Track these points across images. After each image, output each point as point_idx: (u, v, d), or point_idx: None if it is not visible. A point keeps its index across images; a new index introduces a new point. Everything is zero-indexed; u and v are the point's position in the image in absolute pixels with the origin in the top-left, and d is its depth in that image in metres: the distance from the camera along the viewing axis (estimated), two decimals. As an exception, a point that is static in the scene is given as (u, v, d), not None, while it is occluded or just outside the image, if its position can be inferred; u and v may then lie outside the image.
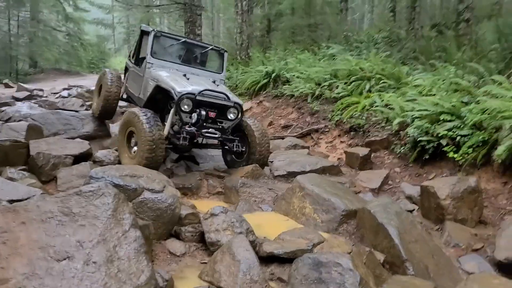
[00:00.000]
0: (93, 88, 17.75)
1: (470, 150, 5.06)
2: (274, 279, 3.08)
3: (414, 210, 4.77)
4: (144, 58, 6.55)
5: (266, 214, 4.75)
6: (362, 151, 6.58)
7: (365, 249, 2.98)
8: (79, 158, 5.32)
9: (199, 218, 3.89)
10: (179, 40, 6.46)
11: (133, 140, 5.22)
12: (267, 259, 3.26)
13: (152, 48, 6.08)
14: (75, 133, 6.98)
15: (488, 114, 4.97)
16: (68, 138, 6.07)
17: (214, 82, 6.14)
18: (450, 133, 5.33)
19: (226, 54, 6.80)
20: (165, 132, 5.14)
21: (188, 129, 5.12)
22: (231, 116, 5.61)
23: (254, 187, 5.24)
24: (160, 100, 5.84)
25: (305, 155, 6.80)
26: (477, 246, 3.74)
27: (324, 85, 9.46)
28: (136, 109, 5.17)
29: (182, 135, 5.06)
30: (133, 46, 7.89)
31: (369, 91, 8.34)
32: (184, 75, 5.81)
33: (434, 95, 6.40)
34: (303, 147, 7.73)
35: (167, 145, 5.29)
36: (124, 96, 7.40)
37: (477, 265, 3.37)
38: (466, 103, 5.57)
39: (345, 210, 4.18)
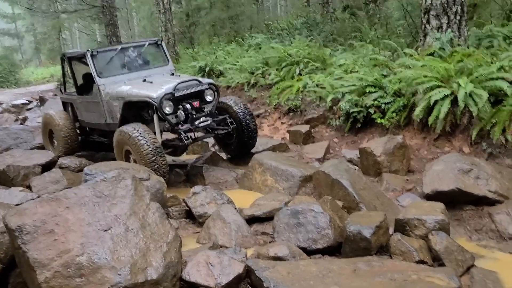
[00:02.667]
0: (15, 102, 17.01)
1: (394, 114, 5.99)
2: (259, 234, 3.74)
3: (356, 169, 5.64)
4: (84, 84, 6.43)
5: (233, 191, 5.36)
6: (304, 128, 7.35)
7: (328, 198, 3.73)
8: (46, 167, 5.54)
9: (179, 199, 4.46)
10: (115, 49, 6.16)
11: (131, 158, 5.10)
12: (248, 221, 3.91)
13: (95, 69, 5.80)
14: (27, 145, 7.03)
15: (405, 82, 5.92)
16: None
17: (172, 74, 6.11)
18: (376, 102, 6.23)
19: (163, 43, 6.62)
20: (159, 140, 5.12)
21: (183, 127, 5.11)
22: (208, 98, 5.50)
23: (217, 171, 5.83)
24: (132, 115, 5.65)
25: (254, 138, 7.46)
26: (409, 187, 4.68)
27: (257, 74, 10.09)
28: (124, 127, 5.02)
29: (182, 136, 5.08)
30: (60, 78, 7.70)
31: (300, 74, 9.09)
32: (144, 80, 5.71)
33: (357, 71, 7.31)
34: (249, 132, 8.37)
35: (165, 151, 5.28)
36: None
37: (411, 200, 4.28)
38: (386, 75, 6.53)
39: (302, 176, 4.91)
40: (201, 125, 5.24)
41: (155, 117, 5.21)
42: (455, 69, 5.48)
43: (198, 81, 5.41)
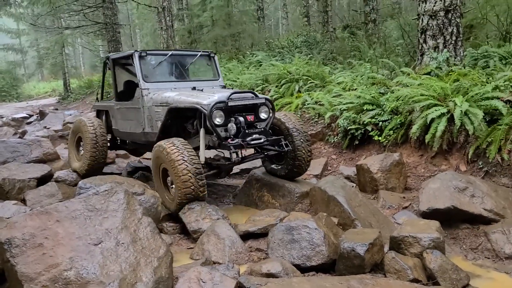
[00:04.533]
0: (16, 116, 17.09)
1: (391, 132, 6.02)
2: (253, 250, 3.70)
3: (353, 186, 5.63)
4: (125, 92, 6.01)
5: (229, 207, 5.34)
6: (302, 144, 7.38)
7: (323, 215, 3.71)
8: (42, 180, 5.53)
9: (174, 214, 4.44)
10: (165, 54, 5.67)
11: (169, 178, 4.51)
12: (243, 237, 3.87)
13: (141, 72, 5.32)
14: (25, 159, 7.00)
15: (402, 100, 5.96)
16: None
17: (224, 87, 5.72)
18: (373, 120, 6.27)
19: (216, 57, 6.12)
20: (202, 158, 4.48)
21: (233, 142, 4.44)
22: (263, 115, 4.89)
23: (214, 186, 5.82)
24: (174, 125, 5.20)
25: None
26: (406, 204, 4.65)
27: (257, 90, 10.22)
28: (163, 142, 4.42)
29: (231, 152, 4.44)
30: (98, 86, 7.51)
31: (299, 91, 9.20)
32: (194, 88, 5.27)
33: (355, 89, 7.38)
34: (248, 147, 8.40)
35: (207, 172, 4.73)
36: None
37: (407, 217, 4.25)
38: (383, 93, 6.59)
39: (299, 192, 4.90)
40: (253, 142, 4.55)
41: (201, 132, 4.62)
42: (452, 88, 5.52)
43: (254, 94, 4.84)
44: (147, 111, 5.29)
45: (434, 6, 6.40)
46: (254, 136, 4.58)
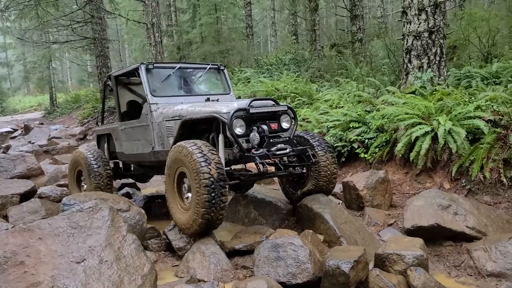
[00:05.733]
0: (2, 130, 16.87)
1: (377, 149, 6.09)
2: (239, 267, 3.69)
3: (339, 203, 5.65)
4: (128, 112, 5.70)
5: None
6: (289, 161, 7.42)
7: (309, 232, 3.72)
8: (25, 196, 5.45)
9: (158, 231, 4.41)
10: (173, 67, 5.33)
11: (185, 185, 4.08)
12: (229, 254, 3.85)
13: (149, 86, 4.98)
14: (8, 174, 6.93)
15: (387, 118, 6.05)
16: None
17: (239, 98, 5.46)
18: (360, 137, 6.34)
19: (226, 70, 5.84)
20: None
21: (258, 152, 4.02)
22: (285, 124, 4.50)
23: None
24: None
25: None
26: (391, 222, 4.70)
27: (245, 107, 10.26)
28: (184, 142, 4.00)
29: (258, 162, 4.05)
30: (99, 110, 6.97)
31: (287, 108, 9.28)
32: (208, 99, 4.95)
33: (342, 107, 7.48)
34: (235, 164, 8.40)
35: (229, 182, 4.24)
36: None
37: (392, 235, 4.29)
38: (369, 111, 6.69)
39: (286, 209, 4.91)
40: (278, 152, 4.16)
41: (220, 139, 4.23)
42: (435, 107, 5.64)
43: (275, 102, 4.47)
44: (156, 127, 4.92)
45: (418, 27, 6.57)
46: (279, 146, 4.19)
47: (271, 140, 4.18)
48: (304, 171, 4.67)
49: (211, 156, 3.76)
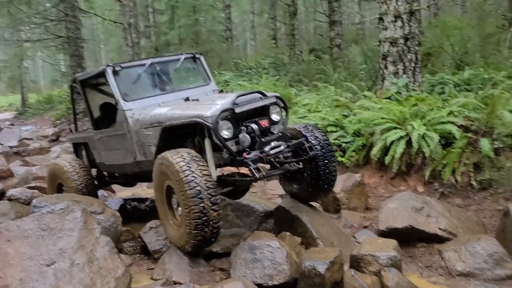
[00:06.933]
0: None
1: (354, 153, 6.16)
2: (216, 270, 3.67)
3: (316, 206, 5.70)
4: (102, 117, 5.24)
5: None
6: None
7: (286, 234, 3.74)
8: (-7, 199, 5.28)
9: (134, 233, 4.35)
10: (143, 64, 4.80)
11: (174, 199, 3.76)
12: (206, 257, 3.83)
13: (119, 90, 4.45)
14: (-24, 176, 6.70)
15: (364, 123, 6.14)
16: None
17: (222, 91, 4.97)
18: (337, 141, 6.40)
19: (203, 58, 5.23)
20: (213, 175, 3.70)
21: (250, 156, 3.64)
22: (275, 116, 4.09)
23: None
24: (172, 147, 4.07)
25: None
26: (366, 224, 4.78)
27: (224, 110, 10.22)
28: (166, 153, 3.65)
29: (251, 168, 3.60)
30: (72, 118, 6.01)
31: (265, 111, 9.29)
32: (187, 99, 4.40)
33: (320, 111, 7.55)
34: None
35: (221, 190, 3.91)
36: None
37: (367, 236, 4.35)
38: (346, 116, 6.77)
39: (263, 212, 4.90)
40: (273, 152, 3.76)
41: (207, 144, 3.81)
42: (410, 112, 5.76)
43: (262, 94, 4.06)
44: (135, 136, 4.42)
45: (394, 33, 6.70)
46: (272, 144, 3.80)
47: (263, 139, 3.79)
48: (301, 166, 4.23)
49: (196, 166, 3.44)
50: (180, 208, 3.58)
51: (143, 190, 6.61)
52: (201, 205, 3.30)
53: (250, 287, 3.14)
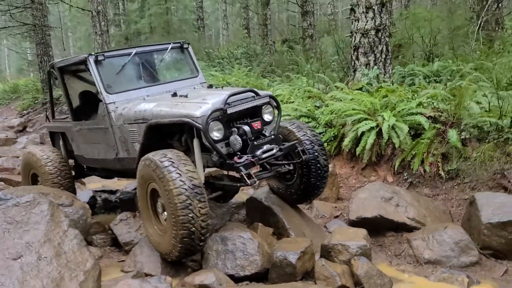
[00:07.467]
0: None
1: (325, 144, 6.23)
2: (188, 261, 3.64)
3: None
4: (82, 107, 5.00)
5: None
6: (239, 154, 7.42)
7: (258, 225, 3.76)
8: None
9: (104, 226, 4.28)
10: (129, 54, 4.51)
11: (159, 203, 3.55)
12: (178, 249, 3.79)
13: (102, 82, 4.21)
14: None
15: (335, 114, 6.20)
16: None
17: (211, 86, 4.68)
18: (309, 132, 6.48)
19: (190, 48, 4.97)
20: (201, 178, 3.53)
21: (242, 161, 3.47)
22: (267, 117, 3.94)
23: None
24: (157, 145, 3.90)
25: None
26: (337, 214, 4.86)
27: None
28: (152, 155, 3.43)
29: (243, 173, 3.44)
30: (40, 101, 5.84)
31: (238, 102, 9.26)
32: (174, 94, 4.12)
33: (293, 102, 7.58)
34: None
35: (209, 195, 3.76)
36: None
37: (338, 226, 4.42)
38: (318, 107, 6.82)
39: (235, 203, 4.90)
40: (265, 156, 3.59)
41: (195, 145, 3.62)
42: (380, 103, 5.85)
43: (255, 92, 3.86)
44: (117, 131, 4.21)
45: (365, 25, 6.77)
46: (264, 147, 3.63)
47: (255, 142, 3.61)
48: (292, 167, 4.15)
49: (183, 167, 3.24)
50: (165, 213, 3.40)
51: (114, 182, 6.48)
52: (188, 208, 3.12)
53: (222, 278, 3.15)
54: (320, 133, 6.35)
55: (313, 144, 4.11)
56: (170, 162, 3.25)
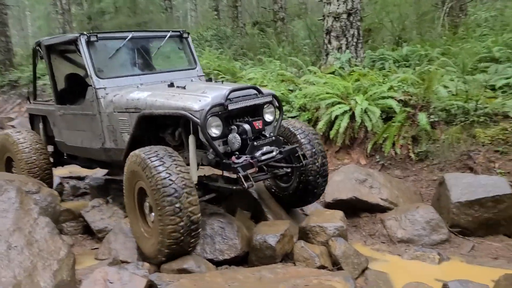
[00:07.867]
0: None
1: (299, 127, 6.26)
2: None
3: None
4: (68, 90, 4.71)
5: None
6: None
7: (236, 209, 3.73)
8: None
9: (74, 213, 4.14)
10: (124, 37, 4.22)
11: (147, 203, 3.31)
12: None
13: (93, 64, 3.92)
14: None
15: (309, 98, 6.22)
16: None
17: (210, 80, 4.46)
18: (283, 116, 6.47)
19: (190, 38, 4.75)
20: (194, 178, 3.29)
21: (239, 161, 3.25)
22: (268, 117, 3.78)
23: (120, 183, 5.51)
24: (148, 137, 3.82)
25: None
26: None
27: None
28: (140, 151, 3.18)
29: (241, 175, 3.18)
30: (30, 85, 5.23)
31: (210, 85, 9.13)
32: (171, 85, 3.90)
33: (266, 85, 7.53)
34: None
35: (202, 197, 3.55)
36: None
37: (315, 209, 4.46)
38: (292, 90, 6.82)
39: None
40: (264, 158, 3.39)
41: (191, 142, 3.38)
42: (353, 87, 5.91)
43: (258, 90, 3.66)
44: (106, 119, 3.94)
45: (337, 8, 6.78)
46: (264, 149, 3.42)
47: (255, 143, 3.39)
48: (290, 170, 3.97)
49: (175, 169, 3.00)
50: (153, 214, 3.16)
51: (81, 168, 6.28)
52: (179, 215, 2.89)
53: (201, 262, 3.12)
54: (294, 117, 6.36)
55: (313, 147, 3.97)
56: (160, 161, 3.03)
